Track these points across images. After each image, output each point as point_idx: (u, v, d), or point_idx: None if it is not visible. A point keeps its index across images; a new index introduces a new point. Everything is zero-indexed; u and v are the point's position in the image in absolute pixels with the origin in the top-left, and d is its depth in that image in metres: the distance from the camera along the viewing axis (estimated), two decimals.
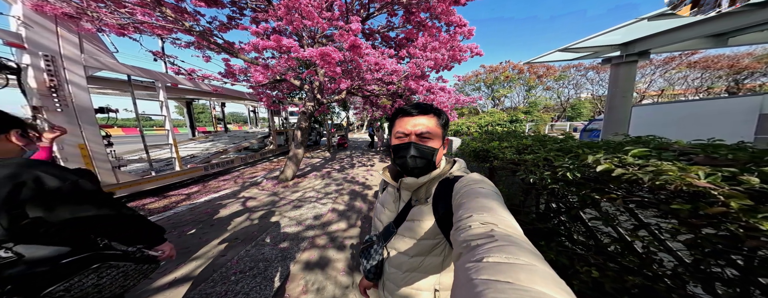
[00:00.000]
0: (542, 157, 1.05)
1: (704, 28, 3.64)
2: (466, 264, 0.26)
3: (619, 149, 0.77)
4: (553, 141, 1.28)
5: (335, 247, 2.34)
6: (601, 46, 4.52)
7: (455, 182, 0.54)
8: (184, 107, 9.30)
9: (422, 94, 4.36)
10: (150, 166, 4.16)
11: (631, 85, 4.68)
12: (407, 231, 0.60)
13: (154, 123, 39.03)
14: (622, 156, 0.68)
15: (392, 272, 0.63)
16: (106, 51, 3.50)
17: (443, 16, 3.83)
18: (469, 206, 0.40)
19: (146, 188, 3.89)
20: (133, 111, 3.84)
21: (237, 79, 5.11)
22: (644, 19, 3.41)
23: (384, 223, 0.68)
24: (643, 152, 0.67)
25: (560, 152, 1.02)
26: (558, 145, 1.12)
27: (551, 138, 1.41)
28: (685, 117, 5.08)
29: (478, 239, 0.30)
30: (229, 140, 8.55)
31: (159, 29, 3.52)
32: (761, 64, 13.18)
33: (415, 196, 0.61)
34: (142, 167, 4.69)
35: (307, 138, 5.15)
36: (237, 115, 77.42)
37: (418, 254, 0.58)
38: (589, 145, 0.96)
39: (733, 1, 1.68)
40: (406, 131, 0.58)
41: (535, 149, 1.22)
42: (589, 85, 17.60)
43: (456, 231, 0.36)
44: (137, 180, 3.72)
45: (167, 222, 2.93)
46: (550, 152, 1.07)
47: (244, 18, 4.77)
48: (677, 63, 14.49)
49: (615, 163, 0.67)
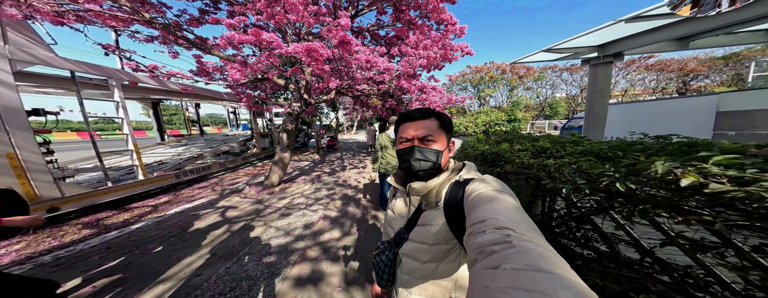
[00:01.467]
0: (570, 162, 0.93)
1: (670, 31, 3.91)
2: (482, 271, 0.25)
3: (683, 154, 0.64)
4: (571, 143, 1.19)
5: (329, 259, 2.13)
6: (580, 47, 4.72)
7: (466, 184, 0.53)
8: (150, 108, 8.45)
9: (414, 94, 4.26)
10: (105, 175, 3.63)
11: (608, 85, 4.95)
12: (419, 237, 0.59)
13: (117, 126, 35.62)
14: (702, 165, 0.54)
15: (405, 279, 0.61)
16: (40, 42, 2.99)
17: (433, 14, 3.77)
18: (483, 209, 0.39)
19: (101, 201, 3.38)
20: (81, 112, 3.31)
21: (212, 77, 4.68)
22: (621, 21, 3.58)
23: (395, 229, 0.67)
24: (731, 160, 0.53)
25: (590, 157, 0.90)
26: (581, 148, 1.02)
27: (565, 139, 1.33)
28: (653, 114, 5.49)
29: (494, 245, 0.28)
30: (205, 144, 7.91)
31: (112, 20, 3.07)
32: (704, 68, 14.88)
33: (425, 200, 0.60)
34: (97, 176, 4.12)
35: (294, 140, 4.86)
36: (216, 117, 72.38)
37: (432, 260, 0.56)
38: (621, 148, 0.87)
39: (733, 1, 1.68)
40: (408, 136, 0.59)
41: (555, 151, 1.11)
42: (564, 85, 18.80)
43: (470, 236, 0.34)
44: (88, 192, 3.20)
45: (128, 239, 2.54)
46: (573, 155, 0.97)
47: (219, 12, 4.39)
48: (637, 66, 15.90)
49: (698, 175, 0.52)
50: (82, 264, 2.08)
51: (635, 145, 0.92)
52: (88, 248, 2.37)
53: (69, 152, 9.39)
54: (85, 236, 2.63)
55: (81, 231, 2.75)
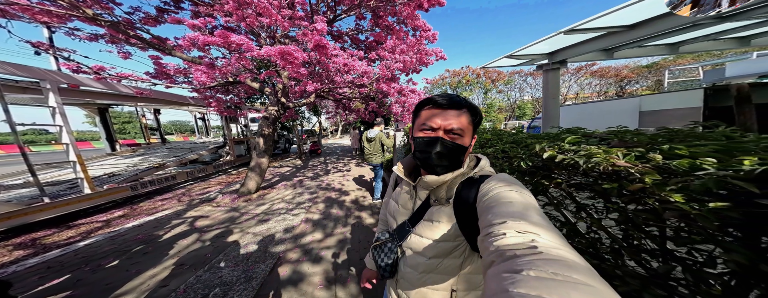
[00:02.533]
0: (500, 149, 1.13)
1: (598, 43, 4.60)
2: (502, 274, 0.24)
3: (558, 138, 0.86)
4: (507, 135, 1.41)
5: (311, 260, 2.12)
6: (534, 54, 5.31)
7: (481, 182, 0.50)
8: (97, 115, 7.49)
9: (394, 97, 4.40)
10: (40, 191, 3.16)
11: (558, 89, 5.62)
12: (425, 231, 0.57)
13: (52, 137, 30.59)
14: (561, 143, 0.76)
15: (408, 272, 0.60)
16: None
17: (409, 19, 3.97)
18: (501, 210, 0.37)
19: (37, 219, 2.94)
20: (7, 121, 2.83)
21: (173, 80, 4.36)
22: (560, 32, 4.13)
23: (398, 221, 0.65)
24: (575, 138, 0.76)
25: (514, 144, 1.11)
26: (511, 138, 1.23)
27: (505, 132, 1.56)
28: (594, 114, 6.34)
29: (517, 249, 0.27)
30: (168, 153, 7.22)
31: (43, 15, 2.75)
32: (634, 74, 17.52)
33: (435, 195, 0.57)
34: (31, 192, 3.58)
35: (272, 146, 4.68)
36: (181, 125, 65.19)
37: (436, 256, 0.55)
38: (534, 137, 1.08)
39: (732, 1, 1.63)
40: (435, 125, 0.53)
41: (494, 142, 1.31)
42: (529, 88, 20.65)
43: (486, 237, 0.33)
44: (18, 211, 2.78)
45: (74, 257, 2.25)
46: (505, 144, 1.17)
47: (181, 12, 4.13)
48: (584, 72, 18.12)
49: (556, 150, 0.75)
50: (18, 286, 1.81)
51: (547, 134, 1.12)
52: (23, 269, 2.06)
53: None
54: (17, 258, 2.28)
55: (12, 253, 2.37)
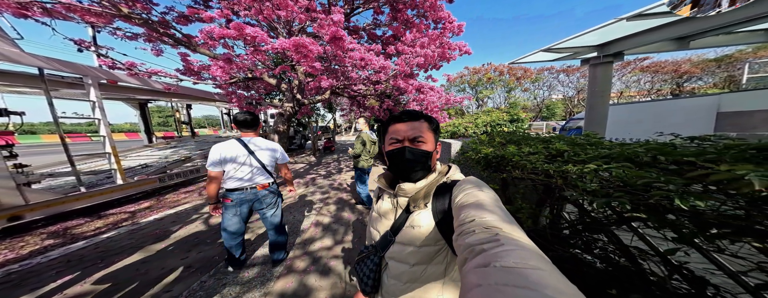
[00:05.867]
0: (597, 169, 0.74)
1: (671, 31, 3.82)
2: (474, 269, 0.25)
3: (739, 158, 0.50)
4: (591, 145, 1.00)
5: (318, 271, 1.93)
6: (580, 46, 4.62)
7: (453, 186, 0.54)
8: (138, 109, 8.17)
9: (412, 94, 4.10)
10: (78, 180, 3.37)
11: (609, 85, 4.85)
12: (406, 238, 0.57)
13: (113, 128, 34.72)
14: None
15: (392, 284, 0.59)
16: (3, 37, 2.76)
17: (431, 11, 3.63)
18: (471, 209, 0.39)
19: (72, 208, 3.12)
20: (51, 113, 3.06)
21: (200, 77, 4.47)
22: (623, 19, 3.48)
23: (381, 232, 0.65)
24: None
25: (614, 161, 0.74)
26: (605, 152, 0.84)
27: (582, 140, 1.15)
28: (653, 114, 5.41)
29: (484, 243, 0.29)
30: (196, 146, 7.64)
31: (90, 15, 2.85)
32: (697, 69, 15.03)
33: (413, 201, 0.59)
34: (69, 182, 3.85)
35: (286, 142, 4.65)
36: (213, 119, 71.24)
37: (420, 263, 0.55)
38: (662, 151, 0.69)
39: (733, 1, 1.69)
40: (399, 136, 0.59)
41: (573, 155, 0.90)
42: (561, 86, 18.85)
43: (459, 236, 0.35)
44: (56, 199, 2.94)
45: (94, 251, 2.30)
46: (598, 159, 0.79)
47: (210, 10, 4.18)
48: (632, 67, 16.03)
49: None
50: (35, 281, 1.84)
51: (675, 148, 0.74)
52: (46, 261, 2.13)
53: (53, 156, 9.02)
54: (46, 247, 2.39)
55: (44, 242, 2.51)
